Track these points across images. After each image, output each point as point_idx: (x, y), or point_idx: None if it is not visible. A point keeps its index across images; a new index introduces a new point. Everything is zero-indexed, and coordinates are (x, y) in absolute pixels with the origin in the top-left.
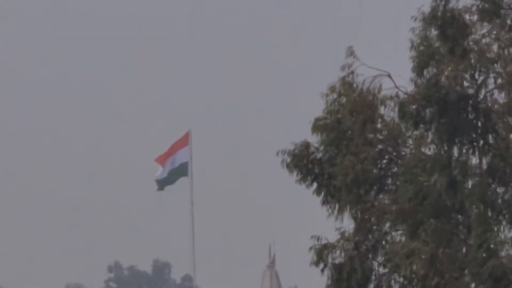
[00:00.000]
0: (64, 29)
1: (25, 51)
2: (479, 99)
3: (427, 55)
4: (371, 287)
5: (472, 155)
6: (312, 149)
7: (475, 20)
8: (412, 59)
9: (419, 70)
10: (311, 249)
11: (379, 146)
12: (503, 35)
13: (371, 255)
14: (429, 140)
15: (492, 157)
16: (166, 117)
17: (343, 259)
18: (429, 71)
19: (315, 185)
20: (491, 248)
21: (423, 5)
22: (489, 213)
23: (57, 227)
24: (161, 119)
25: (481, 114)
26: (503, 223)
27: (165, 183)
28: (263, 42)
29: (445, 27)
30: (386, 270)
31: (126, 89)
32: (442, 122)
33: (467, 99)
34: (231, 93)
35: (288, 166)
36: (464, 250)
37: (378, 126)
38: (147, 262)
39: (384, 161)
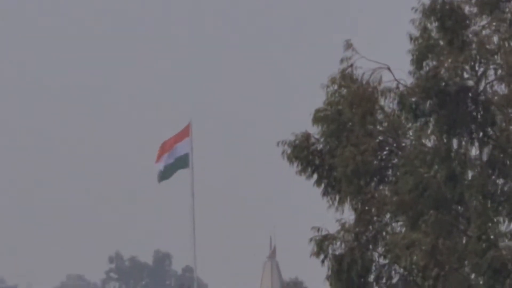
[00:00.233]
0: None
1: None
2: (479, 91)
3: (426, 47)
4: (371, 278)
5: (471, 146)
6: (312, 140)
7: (475, 12)
8: (411, 52)
9: (418, 62)
10: (311, 240)
11: (380, 137)
12: (503, 26)
13: (371, 246)
14: (429, 131)
15: (492, 148)
16: (167, 108)
17: (344, 250)
18: (428, 64)
19: (315, 176)
20: (490, 239)
21: None
22: (489, 205)
23: (58, 218)
24: (162, 110)
25: (480, 106)
26: (503, 214)
27: (165, 175)
28: (263, 34)
29: (444, 19)
30: (386, 261)
31: (127, 81)
32: (441, 114)
33: (467, 91)
34: (231, 84)
35: (288, 157)
36: (464, 241)
37: (378, 117)
38: (148, 253)
39: (384, 153)
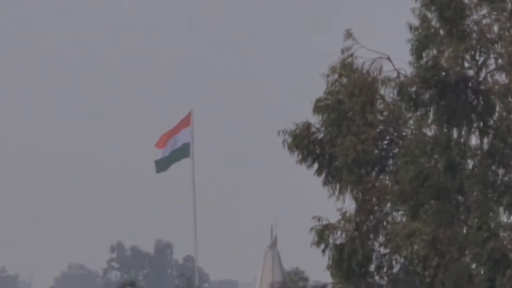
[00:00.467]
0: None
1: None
2: (480, 80)
3: (426, 37)
4: (372, 267)
5: (471, 136)
6: (313, 129)
7: (475, 1)
8: (411, 42)
9: (418, 52)
10: (312, 229)
11: (380, 127)
12: (503, 16)
13: (372, 236)
14: (429, 121)
15: (492, 138)
16: (168, 97)
17: (344, 239)
18: (428, 53)
19: (316, 166)
20: (491, 229)
21: None
22: (489, 195)
23: (60, 208)
24: (163, 99)
25: (480, 95)
26: (504, 204)
27: (166, 163)
28: (264, 24)
29: (443, 9)
30: (387, 250)
31: (128, 72)
32: (441, 104)
33: (467, 81)
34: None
35: (289, 146)
36: (464, 231)
37: (378, 107)
38: (150, 242)
39: (385, 142)
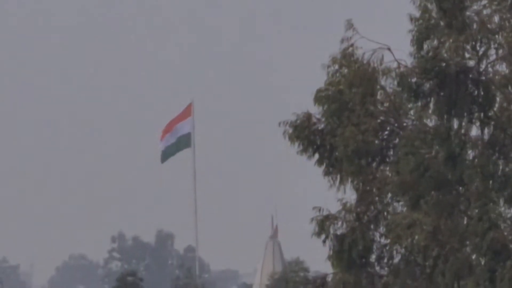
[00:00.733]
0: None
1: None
2: (480, 70)
3: (426, 28)
4: (373, 258)
5: (472, 127)
6: (314, 120)
7: None
8: (411, 32)
9: (418, 43)
10: (313, 220)
11: (381, 117)
12: (504, 6)
13: (372, 226)
14: (430, 111)
15: (493, 129)
16: (169, 87)
17: (345, 230)
18: (428, 44)
19: (316, 156)
20: (491, 220)
21: None
22: (490, 186)
23: (61, 198)
24: (164, 90)
25: (481, 86)
26: (504, 195)
27: (168, 154)
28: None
29: (442, 1)
30: (387, 241)
31: (129, 63)
32: (441, 94)
33: (467, 72)
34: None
35: (290, 137)
36: (465, 222)
37: (379, 97)
38: (151, 233)
39: (385, 133)
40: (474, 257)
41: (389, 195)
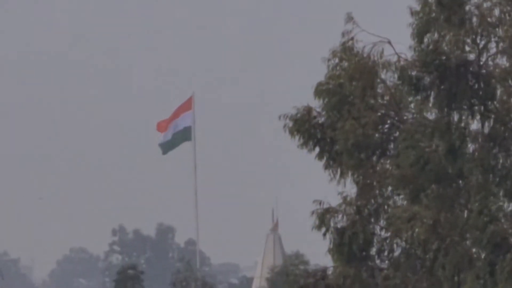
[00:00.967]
0: None
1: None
2: (481, 63)
3: (427, 21)
4: (373, 251)
5: (472, 120)
6: (314, 113)
7: None
8: (412, 26)
9: (419, 36)
10: (313, 213)
11: (381, 110)
12: None
13: (373, 220)
14: (430, 105)
15: (493, 122)
16: (169, 81)
17: (345, 223)
18: (429, 38)
19: (317, 150)
20: (491, 213)
21: None
22: (490, 179)
23: (61, 191)
24: (164, 83)
25: (481, 79)
26: (504, 188)
27: (168, 147)
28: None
29: None
30: (388, 234)
31: (129, 56)
32: (442, 88)
33: (467, 65)
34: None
35: (290, 130)
36: (465, 215)
37: (379, 91)
38: (151, 226)
39: (386, 126)
40: (474, 250)
41: (390, 189)
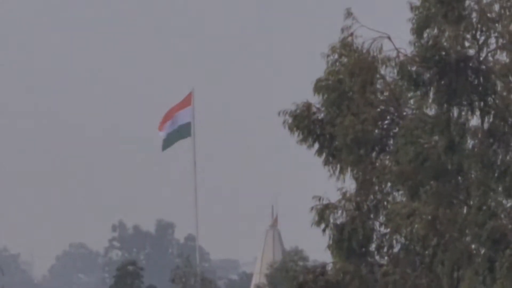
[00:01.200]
0: None
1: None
2: (480, 59)
3: (426, 16)
4: (373, 247)
5: (472, 116)
6: (313, 109)
7: None
8: (411, 21)
9: (418, 32)
10: (312, 209)
11: (381, 106)
12: None
13: (372, 215)
14: (430, 100)
15: (493, 118)
16: (169, 76)
17: (345, 219)
18: (428, 33)
19: (316, 146)
20: (491, 209)
21: None
22: (489, 175)
23: (61, 187)
24: (164, 79)
25: (481, 75)
26: (504, 183)
27: (168, 143)
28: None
29: None
30: (387, 230)
31: (129, 50)
32: (441, 83)
33: (467, 61)
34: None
35: (289, 126)
36: (464, 211)
37: (378, 86)
38: (151, 221)
39: (385, 122)
40: (473, 246)
41: (389, 185)
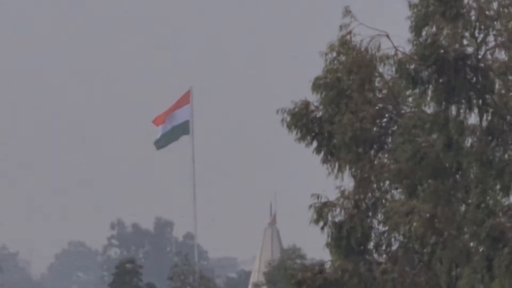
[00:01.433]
0: None
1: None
2: (479, 57)
3: (425, 14)
4: (371, 245)
5: (470, 114)
6: (312, 107)
7: None
8: (410, 19)
9: (417, 29)
10: (311, 207)
11: (379, 104)
12: None
13: (370, 213)
14: (428, 98)
15: (491, 116)
16: (167, 74)
17: (343, 217)
18: (427, 31)
19: (315, 144)
20: (489, 207)
21: None
22: (488, 173)
23: (60, 185)
24: (162, 77)
25: (479, 73)
26: (503, 181)
27: (166, 141)
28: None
29: None
30: (385, 228)
31: (127, 50)
32: (440, 81)
33: (466, 58)
34: (232, 52)
35: (288, 125)
36: (463, 209)
37: (377, 84)
38: (150, 220)
39: (384, 120)
40: (472, 244)
41: (387, 183)
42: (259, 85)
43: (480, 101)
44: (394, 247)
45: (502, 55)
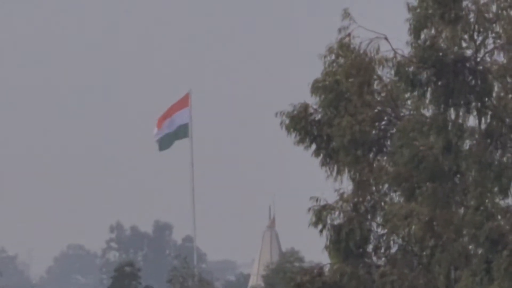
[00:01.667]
0: None
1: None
2: (478, 59)
3: (424, 16)
4: (370, 248)
5: (469, 117)
6: (310, 110)
7: None
8: (409, 21)
9: (416, 32)
10: (310, 210)
11: (378, 107)
12: None
13: (369, 216)
14: (427, 101)
15: (490, 118)
16: (166, 78)
17: (342, 220)
18: (426, 33)
19: (313, 147)
20: (488, 210)
21: None
22: (487, 175)
23: (59, 188)
24: (162, 80)
25: (478, 75)
26: (502, 184)
27: (165, 144)
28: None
29: None
30: (384, 231)
31: (126, 53)
32: (439, 84)
33: (464, 61)
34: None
35: (286, 127)
36: (462, 212)
37: (376, 87)
38: (148, 223)
39: (382, 123)
40: (470, 247)
41: (386, 185)
42: (258, 88)
43: (479, 104)
44: (393, 250)
45: (501, 58)
